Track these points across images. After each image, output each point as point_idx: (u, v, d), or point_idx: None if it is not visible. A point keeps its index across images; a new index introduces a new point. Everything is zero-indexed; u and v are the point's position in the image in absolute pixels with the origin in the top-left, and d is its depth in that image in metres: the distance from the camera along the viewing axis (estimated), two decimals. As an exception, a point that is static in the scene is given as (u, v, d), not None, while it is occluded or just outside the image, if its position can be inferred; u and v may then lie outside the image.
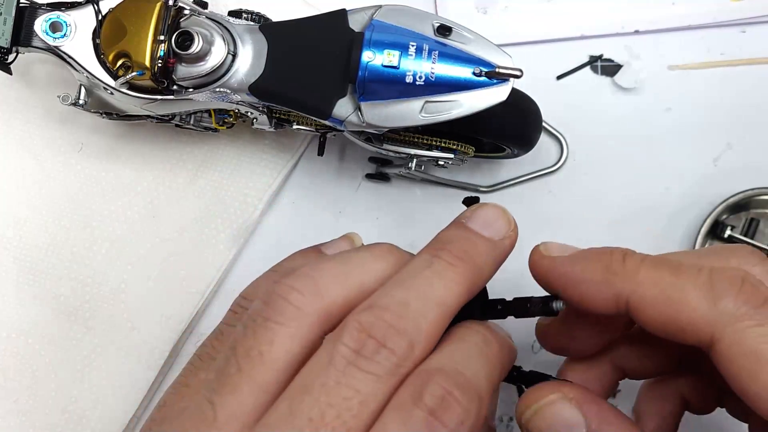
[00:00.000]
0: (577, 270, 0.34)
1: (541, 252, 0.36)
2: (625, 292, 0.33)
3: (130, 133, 0.51)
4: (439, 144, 0.45)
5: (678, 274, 0.32)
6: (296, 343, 0.31)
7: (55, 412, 0.49)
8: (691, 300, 0.31)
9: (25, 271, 0.50)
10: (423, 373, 0.30)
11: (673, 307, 0.32)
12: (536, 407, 0.34)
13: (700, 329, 0.31)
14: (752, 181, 0.51)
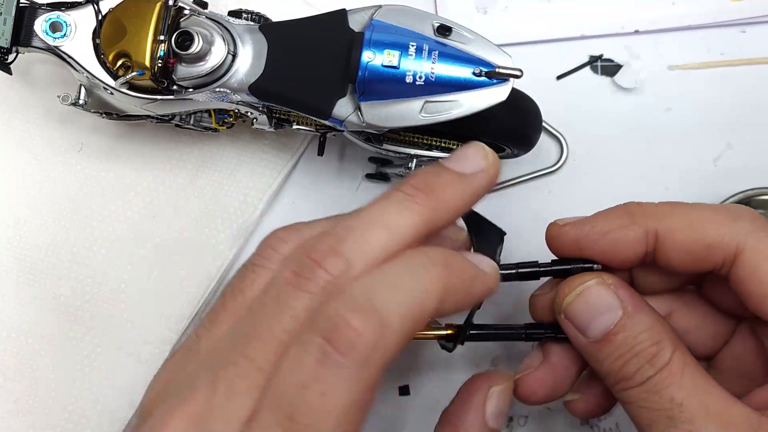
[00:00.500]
0: (602, 224, 0.37)
1: (560, 224, 0.38)
2: (652, 226, 0.36)
3: (130, 133, 0.51)
4: (439, 144, 0.45)
5: (696, 205, 0.37)
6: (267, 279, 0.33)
7: (55, 412, 0.49)
8: (713, 220, 0.35)
9: (25, 271, 0.50)
10: (331, 295, 0.31)
11: (699, 230, 0.35)
12: (579, 290, 0.37)
13: (726, 243, 0.34)
14: (752, 181, 0.51)
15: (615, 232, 0.37)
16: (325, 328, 0.29)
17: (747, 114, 0.52)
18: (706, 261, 0.35)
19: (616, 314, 0.36)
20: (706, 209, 0.36)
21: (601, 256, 0.37)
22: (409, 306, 0.30)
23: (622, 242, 0.36)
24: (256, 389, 0.29)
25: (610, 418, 0.51)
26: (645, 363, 0.34)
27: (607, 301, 0.36)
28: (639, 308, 0.36)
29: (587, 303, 0.36)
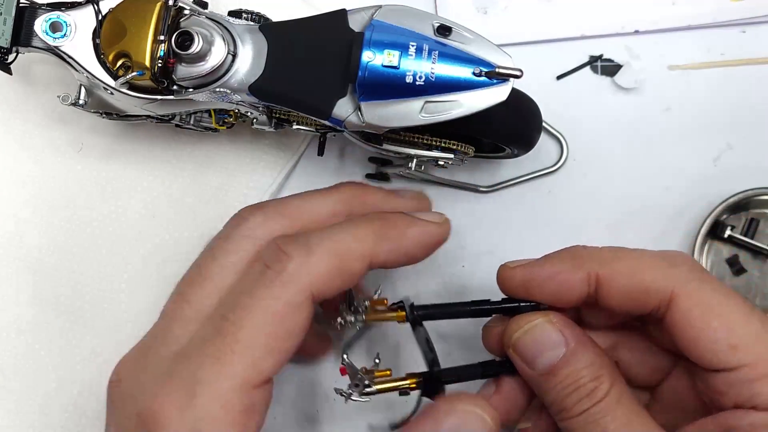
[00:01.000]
0: (549, 266, 0.40)
1: (509, 266, 0.41)
2: (594, 269, 0.39)
3: (130, 133, 0.51)
4: (439, 144, 0.45)
5: (637, 252, 0.39)
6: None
7: (55, 412, 0.49)
8: (652, 267, 0.38)
9: (25, 271, 0.50)
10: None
11: (638, 275, 0.38)
12: (527, 327, 0.40)
13: (661, 288, 0.37)
14: (752, 181, 0.51)
15: (560, 275, 0.39)
16: (267, 256, 0.37)
17: (747, 114, 0.52)
18: (644, 304, 0.38)
19: (560, 350, 0.39)
20: (647, 256, 0.39)
21: (547, 297, 0.40)
22: (335, 242, 0.38)
23: (566, 285, 0.39)
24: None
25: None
26: (584, 396, 0.38)
27: (552, 338, 0.39)
28: (582, 345, 0.39)
29: (534, 339, 0.39)
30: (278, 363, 0.36)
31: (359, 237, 0.39)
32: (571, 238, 0.51)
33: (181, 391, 0.35)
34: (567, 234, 0.52)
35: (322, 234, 0.38)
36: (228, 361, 0.35)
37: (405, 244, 0.40)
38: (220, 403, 0.35)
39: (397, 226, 0.40)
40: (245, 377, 0.35)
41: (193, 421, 0.34)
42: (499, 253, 0.52)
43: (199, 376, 0.35)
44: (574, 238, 0.51)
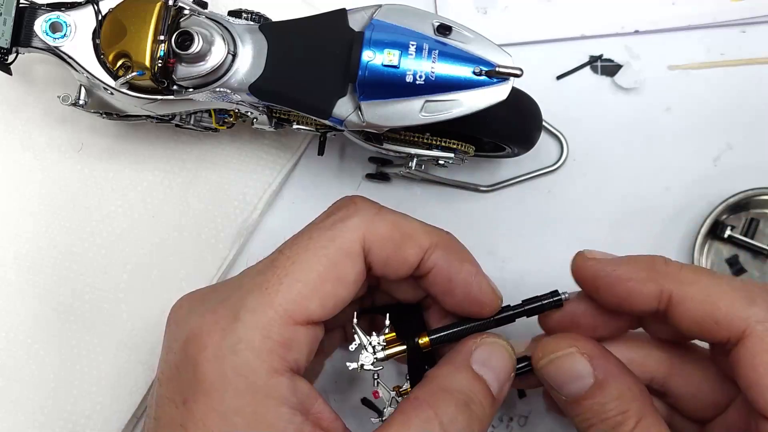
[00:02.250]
0: (624, 270, 0.38)
1: (586, 255, 0.39)
2: (668, 288, 0.37)
3: (130, 133, 0.51)
4: (440, 143, 0.45)
5: (716, 277, 0.37)
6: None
7: (55, 412, 0.49)
8: (729, 299, 0.36)
9: (25, 271, 0.50)
10: None
11: (712, 304, 0.36)
12: (552, 357, 0.38)
13: (734, 324, 0.36)
14: (752, 181, 0.51)
15: (631, 283, 0.38)
16: (339, 204, 0.40)
17: (747, 114, 0.52)
18: (713, 335, 0.37)
19: (588, 381, 0.37)
20: (724, 284, 0.37)
21: (613, 300, 0.38)
22: (404, 220, 0.39)
23: (635, 295, 0.38)
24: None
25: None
26: (609, 429, 0.37)
27: (579, 369, 0.38)
28: (612, 376, 0.38)
29: (561, 369, 0.38)
30: (325, 307, 0.37)
31: (428, 231, 0.40)
32: (571, 238, 0.52)
33: (227, 315, 0.36)
34: (567, 234, 0.52)
35: (394, 211, 0.40)
36: (274, 291, 0.36)
37: (459, 275, 0.39)
38: (259, 329, 0.36)
39: (464, 258, 0.40)
40: (288, 310, 0.36)
41: (232, 344, 0.35)
42: (499, 252, 0.52)
43: (246, 303, 0.36)
44: (574, 238, 0.52)
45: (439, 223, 0.52)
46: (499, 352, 0.39)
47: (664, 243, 0.52)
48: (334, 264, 0.37)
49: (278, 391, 0.35)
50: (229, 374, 0.35)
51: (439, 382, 0.37)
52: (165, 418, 0.37)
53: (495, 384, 0.38)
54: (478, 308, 0.40)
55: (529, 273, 0.51)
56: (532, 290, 0.51)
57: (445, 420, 0.35)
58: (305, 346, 0.37)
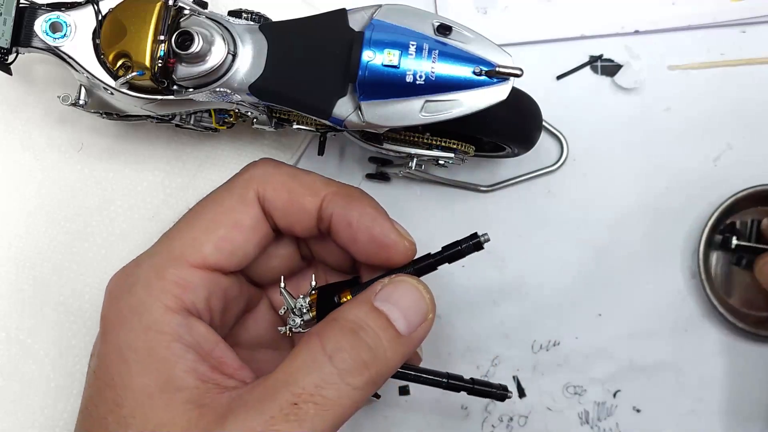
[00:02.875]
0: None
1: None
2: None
3: (130, 133, 0.51)
4: (440, 143, 0.45)
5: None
6: None
7: (55, 412, 0.49)
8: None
9: (25, 271, 0.50)
10: None
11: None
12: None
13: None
14: (752, 181, 0.51)
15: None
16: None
17: (747, 114, 0.52)
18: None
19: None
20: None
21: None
22: (301, 171, 0.42)
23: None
24: None
25: (611, 418, 0.51)
26: None
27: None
28: None
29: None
30: (221, 250, 0.39)
31: (327, 182, 0.41)
32: (571, 238, 0.52)
33: (132, 263, 0.39)
34: (567, 234, 0.52)
35: (295, 167, 0.42)
36: (173, 237, 0.40)
37: (358, 219, 0.40)
38: (154, 270, 0.38)
39: (364, 203, 0.41)
40: (184, 253, 0.38)
41: (129, 285, 0.38)
42: (499, 253, 0.52)
43: (150, 251, 0.40)
44: (574, 238, 0.52)
45: (439, 223, 0.52)
46: (405, 289, 0.38)
47: (665, 243, 0.52)
48: (228, 210, 0.40)
49: (171, 328, 0.37)
50: (124, 312, 0.37)
51: (333, 315, 0.38)
52: (88, 371, 0.40)
53: (401, 320, 0.37)
54: (385, 252, 0.40)
55: (529, 273, 0.51)
56: (532, 290, 0.52)
57: (329, 346, 0.35)
58: (202, 289, 0.38)
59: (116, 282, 0.39)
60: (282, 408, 0.34)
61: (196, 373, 0.36)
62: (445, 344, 0.51)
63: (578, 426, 0.51)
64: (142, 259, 0.39)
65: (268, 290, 0.46)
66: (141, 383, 0.36)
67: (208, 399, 0.35)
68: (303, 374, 0.35)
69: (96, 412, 0.37)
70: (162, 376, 0.36)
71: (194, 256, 0.38)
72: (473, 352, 0.51)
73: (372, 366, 0.36)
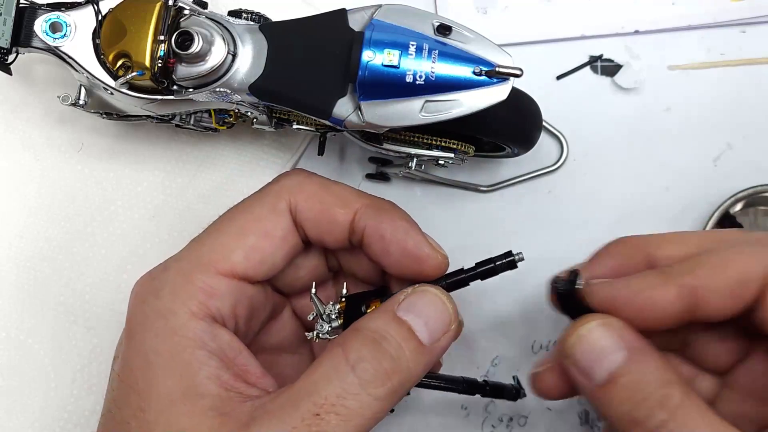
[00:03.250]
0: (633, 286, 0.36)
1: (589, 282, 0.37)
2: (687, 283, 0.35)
3: (130, 133, 0.51)
4: (440, 143, 0.45)
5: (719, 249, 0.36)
6: None
7: (55, 412, 0.49)
8: (741, 255, 0.35)
9: (25, 271, 0.50)
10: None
11: (729, 267, 0.35)
12: (582, 331, 0.36)
13: (754, 286, 0.34)
14: (752, 181, 0.51)
15: (645, 293, 0.36)
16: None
17: (747, 114, 0.52)
18: (742, 297, 0.35)
19: (621, 355, 0.34)
20: (730, 246, 0.36)
21: (635, 318, 0.36)
22: (333, 183, 0.41)
23: (656, 305, 0.35)
24: None
25: (611, 418, 0.51)
26: (655, 406, 0.33)
27: (610, 342, 0.35)
28: (644, 350, 0.35)
29: (590, 345, 0.35)
30: (249, 259, 0.39)
31: (359, 194, 0.41)
32: (571, 238, 0.52)
33: (160, 267, 0.39)
34: (567, 234, 0.52)
35: (327, 178, 0.41)
36: (201, 243, 0.39)
37: (392, 231, 0.39)
38: (181, 275, 0.38)
39: (396, 216, 0.40)
40: (212, 259, 0.38)
41: (156, 289, 0.38)
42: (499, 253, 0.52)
43: (178, 255, 0.39)
44: (574, 238, 0.52)
45: (439, 223, 0.52)
46: (428, 299, 0.38)
47: (664, 243, 0.52)
48: (258, 219, 0.39)
49: (195, 334, 0.37)
50: (150, 316, 0.37)
51: (356, 325, 0.37)
52: (111, 376, 0.39)
53: (424, 331, 0.37)
54: (418, 265, 0.39)
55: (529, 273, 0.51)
56: (532, 290, 0.52)
57: (351, 356, 0.35)
58: (229, 297, 0.38)
59: (143, 285, 0.39)
60: (304, 418, 0.34)
61: (219, 381, 0.36)
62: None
63: (578, 426, 0.51)
64: (170, 263, 0.39)
65: (292, 298, 0.45)
66: (164, 388, 0.36)
67: (230, 407, 0.35)
68: (325, 384, 0.34)
69: (119, 415, 0.37)
70: (185, 382, 0.36)
71: (222, 263, 0.38)
72: (473, 352, 0.51)
73: (394, 376, 0.35)
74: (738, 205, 0.51)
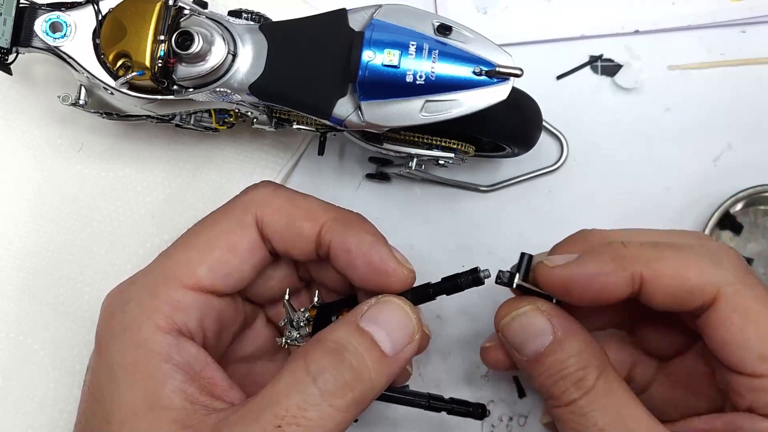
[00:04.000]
0: (590, 268, 0.38)
1: (548, 265, 0.39)
2: (638, 270, 0.37)
3: (130, 133, 0.51)
4: (440, 143, 0.45)
5: (680, 249, 0.38)
6: None
7: (55, 412, 0.49)
8: (697, 267, 0.37)
9: (25, 271, 0.50)
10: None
11: (682, 276, 0.37)
12: (513, 314, 0.40)
13: (705, 291, 0.37)
14: (752, 181, 0.51)
15: (602, 277, 0.38)
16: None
17: (747, 114, 0.52)
18: (686, 305, 0.38)
19: (547, 338, 0.38)
20: (692, 254, 0.38)
21: (588, 299, 0.38)
22: (300, 196, 0.41)
23: (610, 287, 0.38)
24: None
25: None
26: (570, 386, 0.37)
27: (539, 325, 0.39)
28: (571, 334, 0.38)
29: (521, 326, 0.39)
30: (215, 272, 0.39)
31: (326, 207, 0.41)
32: (571, 238, 0.51)
33: (129, 280, 0.40)
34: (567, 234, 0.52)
35: (295, 191, 0.41)
36: (168, 257, 0.40)
37: (357, 245, 0.39)
38: (147, 289, 0.38)
39: (362, 230, 0.40)
40: (177, 273, 0.38)
41: (122, 303, 0.38)
42: (499, 252, 0.52)
43: (145, 270, 0.40)
44: (574, 238, 0.51)
45: (439, 223, 0.52)
46: (391, 310, 0.38)
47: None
48: (224, 232, 0.40)
49: (160, 347, 0.37)
50: (116, 329, 0.38)
51: (318, 336, 0.37)
52: (84, 386, 0.40)
53: (387, 341, 0.37)
54: (383, 279, 0.39)
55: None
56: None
57: (313, 367, 0.35)
58: (195, 311, 0.38)
59: (111, 299, 0.40)
60: (266, 430, 0.34)
61: (184, 394, 0.36)
62: (446, 344, 0.51)
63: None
64: (137, 277, 0.40)
65: (266, 306, 0.46)
66: (129, 400, 0.36)
67: (195, 420, 0.35)
68: (286, 395, 0.35)
69: (88, 426, 0.38)
70: (150, 395, 0.36)
71: (188, 277, 0.38)
72: (474, 352, 0.51)
73: (356, 387, 0.36)
74: (738, 205, 0.51)
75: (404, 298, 0.39)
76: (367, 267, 0.39)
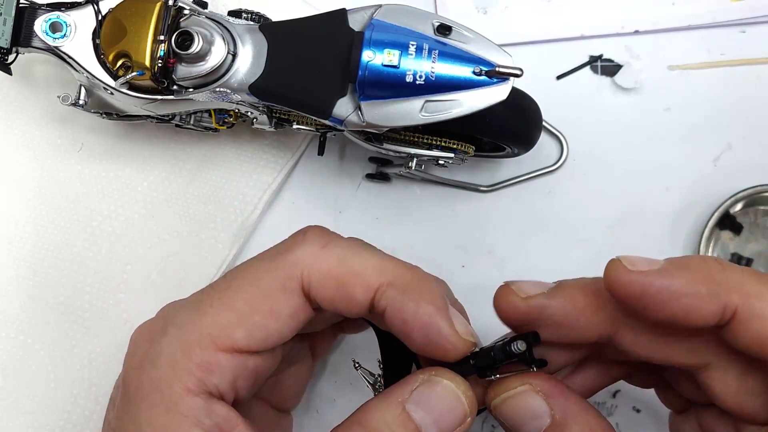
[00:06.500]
0: (678, 283, 0.32)
1: (627, 267, 0.33)
2: (734, 303, 0.31)
3: (130, 133, 0.51)
4: (440, 143, 0.45)
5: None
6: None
7: (55, 412, 0.49)
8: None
9: (25, 271, 0.50)
10: None
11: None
12: (505, 396, 0.36)
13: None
14: (752, 181, 0.51)
15: (692, 298, 0.32)
16: (291, 236, 0.39)
17: (747, 114, 0.52)
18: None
19: (545, 421, 0.35)
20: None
21: (663, 316, 0.33)
22: (353, 255, 0.36)
23: (697, 312, 0.32)
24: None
25: (610, 418, 0.51)
26: None
27: (535, 407, 0.35)
28: (572, 415, 0.35)
29: (514, 408, 0.36)
30: (253, 337, 0.36)
31: (381, 268, 0.36)
32: (571, 238, 0.52)
33: (159, 327, 0.37)
34: (567, 234, 0.52)
35: (348, 243, 0.37)
36: (203, 313, 0.36)
37: (414, 316, 0.35)
38: (181, 347, 0.36)
39: (421, 298, 0.36)
40: (212, 334, 0.36)
41: (153, 357, 0.36)
42: (499, 252, 0.52)
43: (176, 318, 0.37)
44: (574, 238, 0.52)
45: (439, 223, 0.52)
46: (442, 394, 0.35)
47: (665, 243, 0.52)
48: (266, 296, 0.36)
49: (191, 411, 0.35)
50: (146, 385, 0.36)
51: (359, 416, 0.35)
52: (107, 418, 0.38)
53: (433, 430, 0.35)
54: (442, 353, 0.36)
55: (529, 273, 0.51)
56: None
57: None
58: (228, 373, 0.36)
59: (140, 345, 0.37)
60: None
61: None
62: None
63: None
64: (169, 327, 0.37)
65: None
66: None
67: None
68: None
69: None
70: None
71: (223, 341, 0.36)
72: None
73: None
74: (738, 205, 0.51)
75: (457, 376, 0.36)
76: (424, 339, 0.36)
